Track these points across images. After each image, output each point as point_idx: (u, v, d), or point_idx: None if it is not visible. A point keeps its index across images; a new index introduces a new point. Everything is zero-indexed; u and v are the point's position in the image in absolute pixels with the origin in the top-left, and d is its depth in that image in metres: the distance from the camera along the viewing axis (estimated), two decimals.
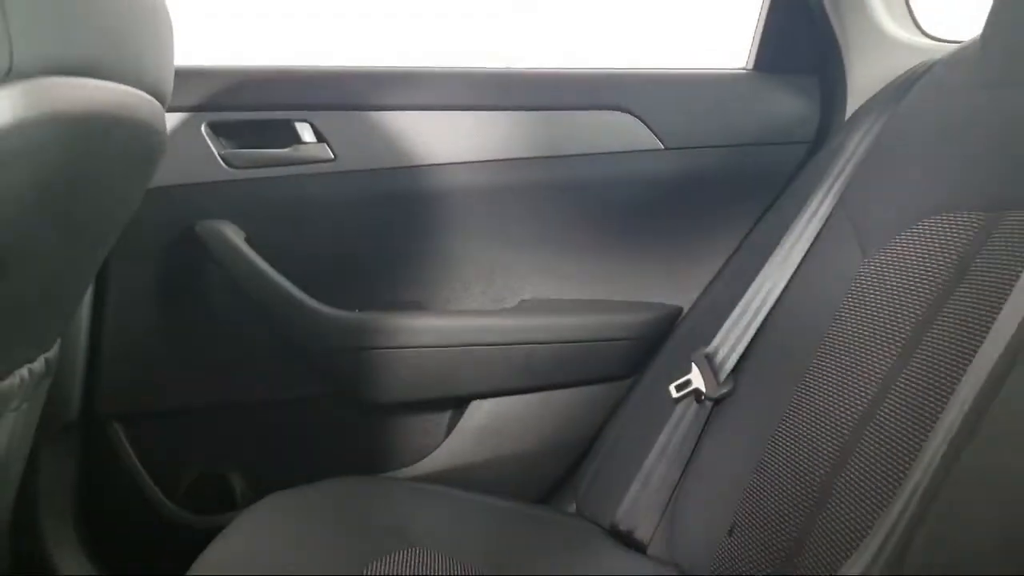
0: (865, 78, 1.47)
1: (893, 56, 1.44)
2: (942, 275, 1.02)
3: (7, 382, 1.02)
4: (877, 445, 0.99)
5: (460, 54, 2.55)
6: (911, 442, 0.95)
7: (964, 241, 1.01)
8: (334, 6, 2.62)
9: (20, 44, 0.75)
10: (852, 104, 1.48)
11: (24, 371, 1.05)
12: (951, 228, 1.04)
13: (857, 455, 1.01)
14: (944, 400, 0.90)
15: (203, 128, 1.43)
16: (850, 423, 1.03)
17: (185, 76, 1.21)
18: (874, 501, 0.96)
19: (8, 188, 0.79)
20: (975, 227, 1.01)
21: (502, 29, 2.67)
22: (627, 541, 1.30)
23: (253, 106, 1.47)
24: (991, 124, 1.08)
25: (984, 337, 0.86)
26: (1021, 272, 0.88)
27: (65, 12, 0.82)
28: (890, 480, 0.96)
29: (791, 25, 1.57)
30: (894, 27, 1.47)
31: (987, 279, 0.96)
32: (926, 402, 0.97)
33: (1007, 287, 0.89)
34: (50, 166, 0.83)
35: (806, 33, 1.54)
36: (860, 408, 1.03)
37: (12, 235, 0.84)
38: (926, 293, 1.03)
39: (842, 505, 1.00)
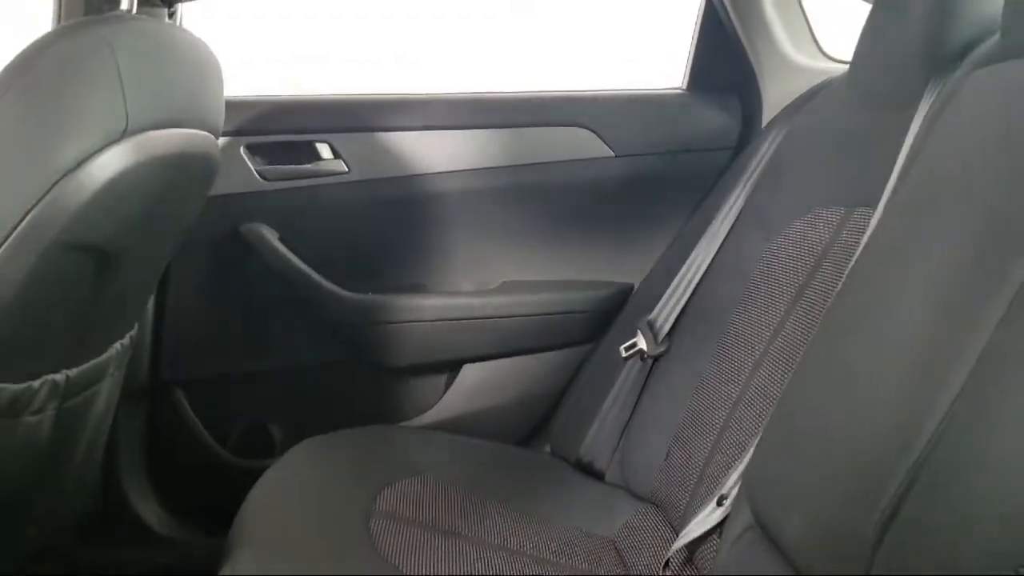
0: (775, 96, 1.67)
1: (797, 78, 1.64)
2: (814, 256, 1.26)
3: (107, 353, 1.26)
4: (761, 386, 1.24)
5: (458, 54, 2.62)
6: (782, 383, 1.19)
7: (830, 230, 1.25)
8: (332, 7, 2.59)
9: (132, 112, 1.02)
10: (767, 117, 1.67)
11: (118, 345, 1.29)
12: (823, 220, 1.27)
13: (747, 394, 1.25)
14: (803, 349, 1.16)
15: (242, 149, 1.62)
16: (746, 370, 1.27)
17: (227, 107, 1.36)
18: (750, 431, 1.20)
19: (124, 212, 1.06)
20: (837, 219, 1.24)
21: (500, 30, 2.69)
22: (589, 471, 1.51)
23: (281, 130, 1.66)
24: (853, 138, 1.30)
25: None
26: (855, 254, 1.13)
27: (160, 84, 1.08)
28: (764, 412, 1.20)
29: (716, 54, 1.76)
30: (797, 54, 1.68)
31: (837, 260, 1.21)
32: (794, 352, 1.21)
33: (845, 266, 1.13)
34: (151, 195, 1.10)
35: (728, 60, 1.73)
36: (754, 358, 1.27)
37: (125, 243, 1.10)
38: (803, 269, 1.26)
39: (733, 435, 1.24)
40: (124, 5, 1.13)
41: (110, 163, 0.99)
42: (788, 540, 0.83)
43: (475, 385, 1.75)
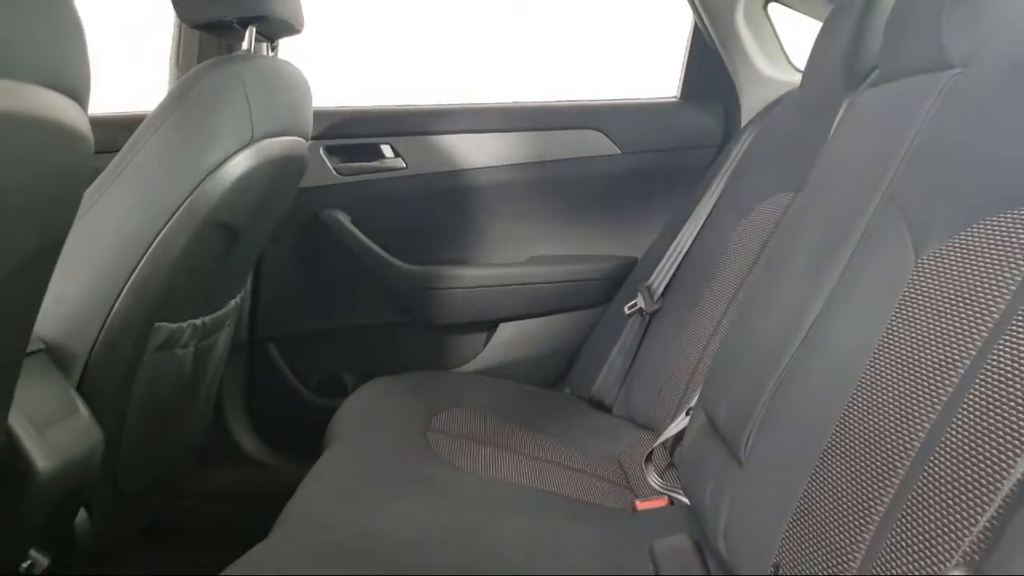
0: (752, 102, 1.93)
1: (769, 87, 1.91)
2: (767, 230, 1.54)
3: (226, 308, 1.58)
4: (723, 331, 1.53)
5: (453, 50, 2.76)
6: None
7: (780, 209, 1.53)
8: (326, 3, 2.63)
9: (256, 125, 1.34)
10: (745, 119, 1.93)
11: (232, 302, 1.62)
12: (777, 202, 1.55)
13: (715, 338, 1.54)
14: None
15: (322, 150, 1.92)
16: (715, 320, 1.58)
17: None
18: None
19: (248, 199, 1.39)
20: (786, 201, 1.52)
21: (496, 26, 2.84)
22: (600, 406, 1.80)
23: (353, 135, 1.95)
24: (801, 136, 1.55)
25: None
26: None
27: (274, 105, 1.41)
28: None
29: (703, 68, 2.02)
30: (769, 68, 1.94)
31: (777, 236, 1.50)
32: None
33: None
34: (265, 186, 1.42)
35: (713, 74, 1.99)
36: (721, 310, 1.57)
37: (246, 223, 1.43)
38: (760, 240, 1.55)
39: (703, 368, 1.53)
40: (244, 45, 1.44)
41: (241, 163, 1.32)
42: (719, 423, 1.15)
43: (509, 339, 2.02)
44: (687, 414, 1.43)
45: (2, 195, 0.78)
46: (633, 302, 1.82)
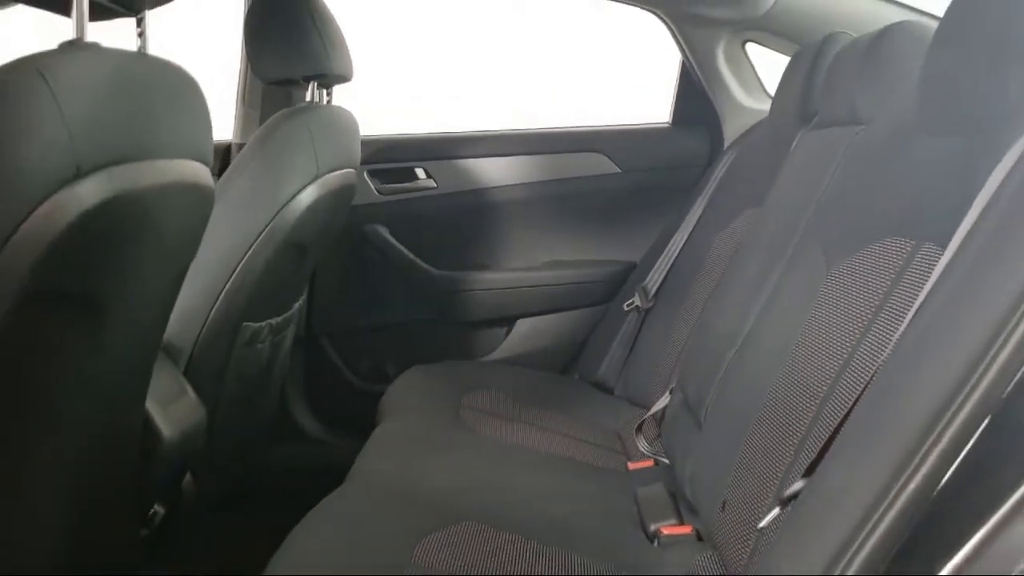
0: (732, 129, 2.20)
1: (746, 115, 2.18)
2: (738, 241, 1.83)
3: (292, 309, 1.87)
4: (698, 325, 1.82)
5: (452, 52, 2.94)
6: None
7: (746, 225, 1.82)
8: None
9: (320, 163, 1.64)
10: (727, 143, 2.19)
11: (295, 305, 1.90)
12: (748, 216, 1.81)
13: (695, 330, 1.84)
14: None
15: (365, 174, 2.19)
16: (695, 316, 1.86)
17: None
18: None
19: (315, 223, 1.68)
20: (752, 217, 1.81)
21: (496, 29, 2.98)
22: (604, 389, 2.08)
23: (392, 160, 2.23)
24: (769, 160, 1.78)
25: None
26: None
27: (334, 144, 1.70)
28: None
29: (691, 100, 2.28)
30: (747, 98, 2.21)
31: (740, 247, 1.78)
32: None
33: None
34: (328, 211, 1.72)
35: (699, 104, 2.25)
36: (699, 309, 1.86)
37: (313, 241, 1.72)
38: (731, 251, 1.83)
39: (685, 353, 1.82)
40: (308, 97, 1.74)
41: (309, 194, 1.61)
42: (689, 398, 1.45)
43: (526, 333, 2.29)
44: (669, 393, 1.72)
45: (162, 240, 1.09)
46: (631, 300, 2.09)
